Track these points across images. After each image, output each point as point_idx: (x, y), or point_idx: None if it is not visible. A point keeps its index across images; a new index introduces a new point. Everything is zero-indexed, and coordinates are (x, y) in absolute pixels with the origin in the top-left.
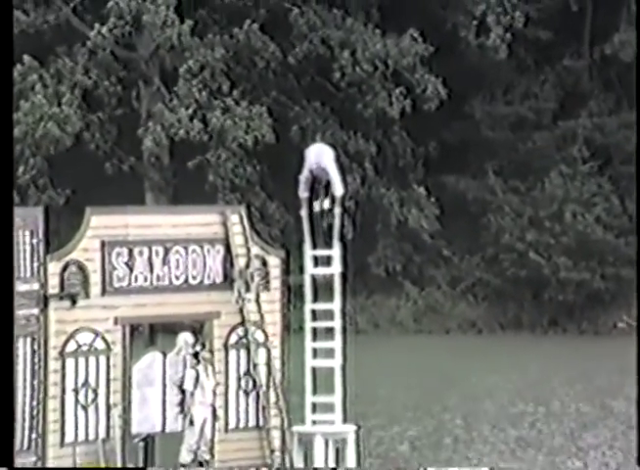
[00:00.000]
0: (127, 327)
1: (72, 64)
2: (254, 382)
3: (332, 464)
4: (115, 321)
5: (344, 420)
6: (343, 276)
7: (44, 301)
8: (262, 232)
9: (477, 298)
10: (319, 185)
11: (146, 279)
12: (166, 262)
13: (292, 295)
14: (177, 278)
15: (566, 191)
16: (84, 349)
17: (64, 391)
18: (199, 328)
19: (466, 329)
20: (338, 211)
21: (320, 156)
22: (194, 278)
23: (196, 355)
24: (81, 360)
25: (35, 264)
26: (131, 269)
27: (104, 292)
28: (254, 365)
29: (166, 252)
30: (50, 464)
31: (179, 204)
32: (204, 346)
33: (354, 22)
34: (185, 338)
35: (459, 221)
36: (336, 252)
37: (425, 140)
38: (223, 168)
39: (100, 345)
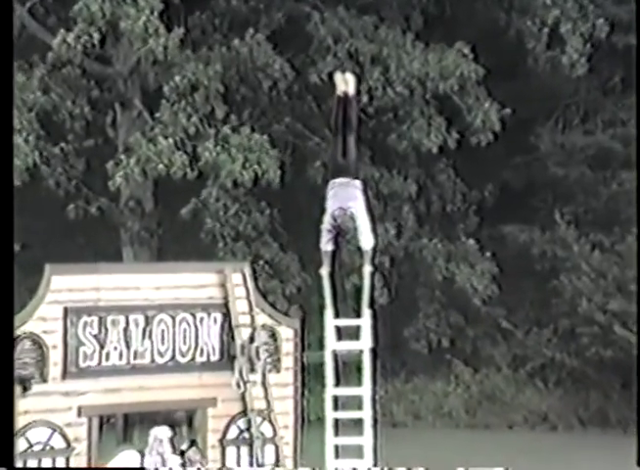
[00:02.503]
0: (95, 419)
1: (26, 80)
2: None
3: None
4: (80, 412)
5: None
6: (375, 353)
7: None
8: (272, 295)
9: (547, 384)
10: (345, 235)
11: (121, 357)
12: (148, 335)
13: (308, 377)
14: (161, 355)
15: None
16: (37, 448)
17: None
18: (188, 419)
19: (534, 424)
20: (367, 269)
21: (346, 197)
22: (183, 355)
23: (182, 455)
24: (32, 463)
25: None
26: (102, 344)
27: (65, 374)
28: (260, 467)
29: (148, 321)
30: None
31: (165, 260)
32: (193, 443)
33: (389, 30)
34: (156, 434)
35: (523, 284)
36: (365, 321)
37: (478, 180)
38: (223, 213)
39: (58, 443)
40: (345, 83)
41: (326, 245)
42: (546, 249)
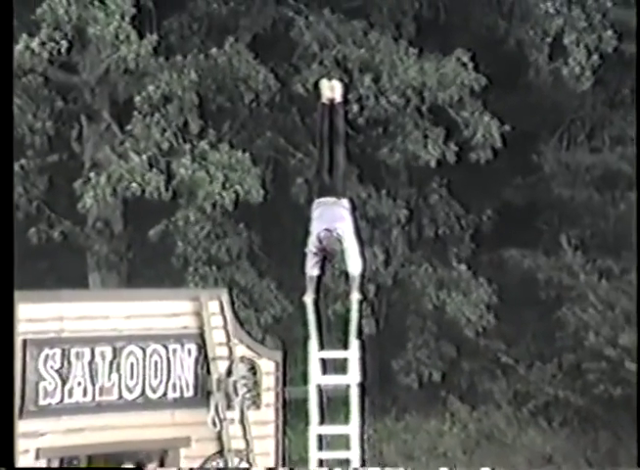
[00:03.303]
0: (55, 462)
1: None
2: None
3: None
4: (38, 454)
5: None
6: (363, 388)
7: None
8: (251, 325)
9: (552, 423)
10: (331, 259)
11: (85, 393)
12: (116, 369)
13: (291, 414)
14: (130, 391)
15: None
16: None
17: None
18: (159, 461)
19: (538, 465)
20: (355, 296)
21: (332, 217)
22: (154, 391)
23: None
24: None
25: None
26: (65, 379)
27: (23, 413)
28: None
29: (116, 354)
30: None
31: (135, 286)
32: None
33: (381, 36)
34: None
35: (524, 314)
36: (353, 353)
37: (475, 201)
38: (194, 235)
39: None
40: (331, 90)
41: (311, 269)
42: (550, 276)
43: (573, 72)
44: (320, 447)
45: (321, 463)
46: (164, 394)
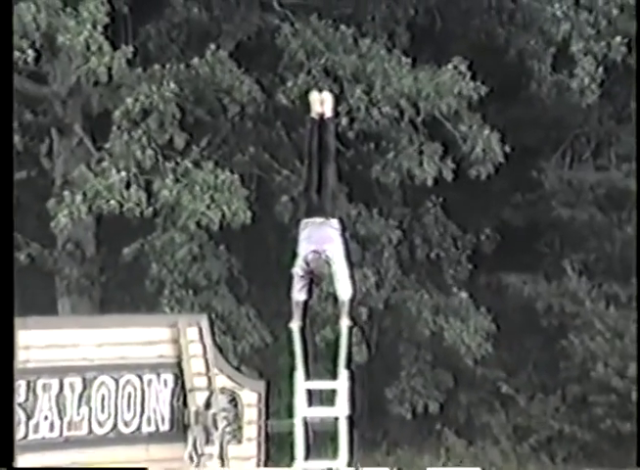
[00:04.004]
0: None
1: None
2: None
3: None
4: None
5: None
6: (352, 421)
7: None
8: (226, 354)
9: (554, 459)
10: (319, 283)
11: (53, 428)
12: (86, 401)
13: (274, 448)
14: (101, 425)
15: None
16: None
17: None
18: None
19: None
20: (345, 322)
21: (320, 238)
22: (127, 425)
23: None
24: None
25: None
26: (30, 414)
27: None
28: None
29: (86, 385)
30: None
31: (108, 312)
32: None
33: (372, 44)
34: None
35: (525, 343)
36: (341, 384)
37: (472, 220)
38: (171, 257)
39: None
40: (321, 104)
41: (298, 294)
42: (553, 302)
43: (579, 84)
44: None
45: None
46: (138, 428)
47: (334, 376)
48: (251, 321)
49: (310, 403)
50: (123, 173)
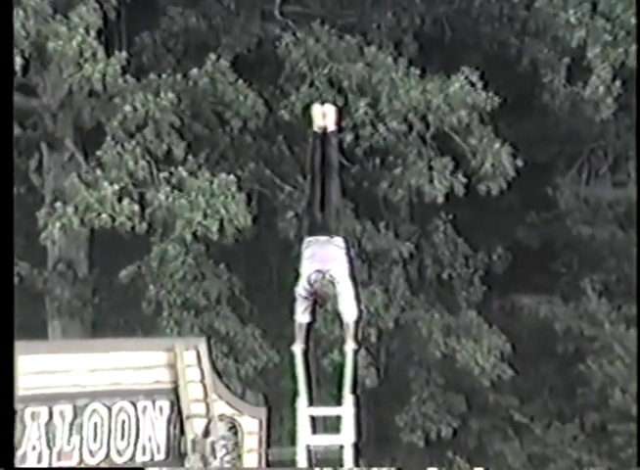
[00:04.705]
0: None
1: None
2: None
3: None
4: None
5: None
6: (357, 449)
7: None
8: (229, 377)
9: None
10: (323, 304)
11: (41, 458)
12: (77, 430)
13: None
14: (93, 455)
15: None
16: None
17: None
18: None
19: None
20: (350, 346)
21: (324, 257)
22: (120, 454)
23: None
24: None
25: None
26: (17, 444)
27: None
28: None
29: (77, 413)
30: None
31: (101, 336)
32: None
33: (378, 53)
34: None
35: (541, 367)
36: (346, 410)
37: (485, 239)
38: (169, 276)
39: None
40: (324, 117)
41: (301, 316)
42: (570, 325)
43: (594, 92)
44: None
45: None
46: (132, 457)
47: (339, 402)
48: (258, 341)
49: (314, 431)
50: (116, 186)
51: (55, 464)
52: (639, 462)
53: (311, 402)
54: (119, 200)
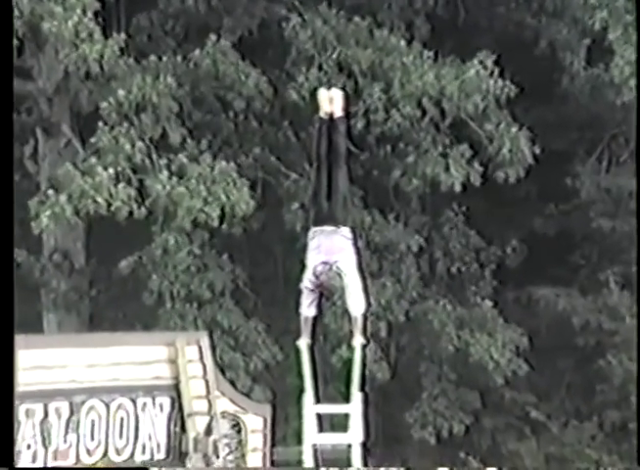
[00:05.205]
0: None
1: None
2: None
3: None
4: None
5: None
6: (365, 448)
7: None
8: (231, 372)
9: None
10: (330, 296)
11: (36, 458)
12: (73, 428)
13: None
14: (90, 454)
15: None
16: None
17: None
18: None
19: None
20: (358, 340)
21: (331, 249)
22: (118, 453)
23: None
24: None
25: None
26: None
27: None
28: None
29: (74, 410)
30: None
31: (99, 330)
32: None
33: (390, 36)
34: None
35: (558, 363)
36: (354, 408)
37: (500, 230)
38: (172, 268)
39: None
40: (330, 102)
41: (306, 309)
42: (589, 318)
43: (617, 78)
44: None
45: None
46: (131, 456)
47: (346, 399)
48: (261, 336)
49: (320, 429)
50: (112, 170)
51: (50, 463)
52: (639, 461)
53: (318, 400)
54: (115, 184)
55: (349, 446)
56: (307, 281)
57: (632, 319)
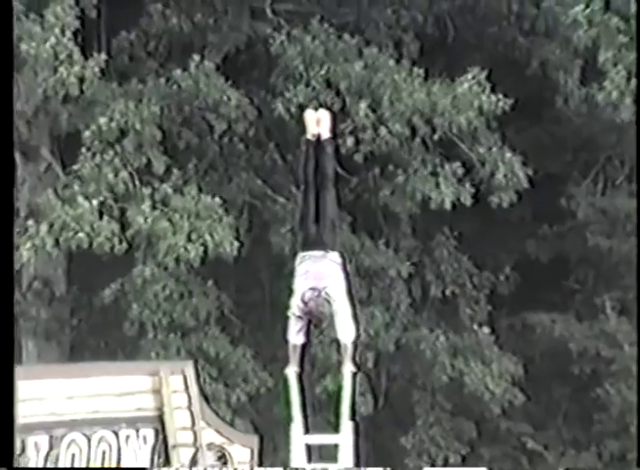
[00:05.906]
0: None
1: None
2: None
3: None
4: None
5: None
6: None
7: None
8: (218, 403)
9: None
10: (319, 324)
11: None
12: (53, 462)
13: None
14: None
15: None
16: None
17: None
18: None
19: None
20: (348, 368)
21: (319, 274)
22: None
23: None
24: None
25: None
26: None
27: None
28: None
29: (53, 444)
30: None
31: (80, 359)
32: None
33: (379, 54)
34: None
35: (554, 392)
36: (344, 438)
37: (493, 253)
38: (154, 295)
39: None
40: (317, 123)
41: (295, 337)
42: (586, 345)
43: (606, 98)
44: None
45: None
46: None
47: (336, 429)
48: (250, 363)
49: (309, 460)
50: (95, 202)
51: None
52: (639, 462)
53: (307, 430)
54: (100, 217)
55: None
56: (295, 308)
57: (631, 347)
